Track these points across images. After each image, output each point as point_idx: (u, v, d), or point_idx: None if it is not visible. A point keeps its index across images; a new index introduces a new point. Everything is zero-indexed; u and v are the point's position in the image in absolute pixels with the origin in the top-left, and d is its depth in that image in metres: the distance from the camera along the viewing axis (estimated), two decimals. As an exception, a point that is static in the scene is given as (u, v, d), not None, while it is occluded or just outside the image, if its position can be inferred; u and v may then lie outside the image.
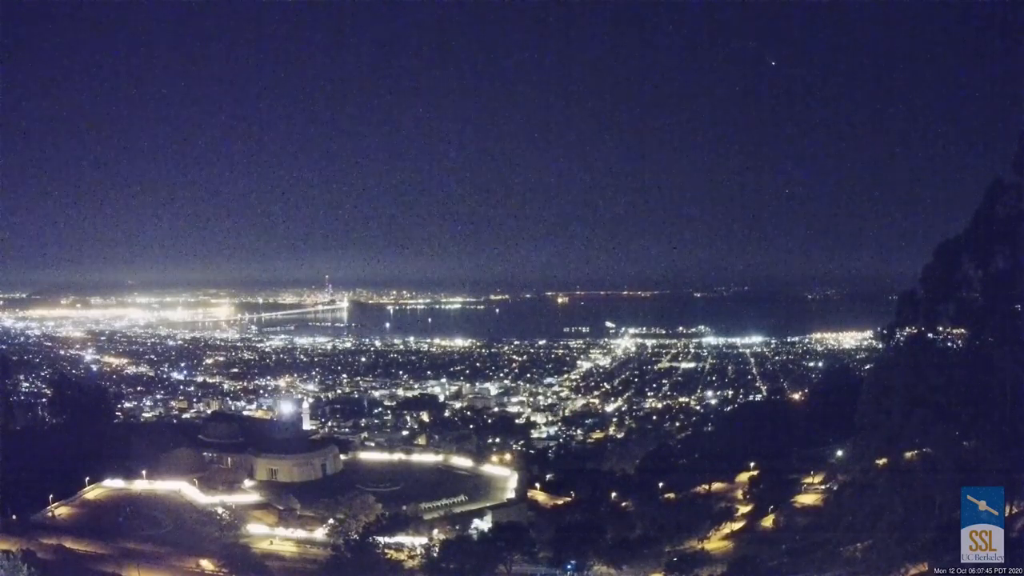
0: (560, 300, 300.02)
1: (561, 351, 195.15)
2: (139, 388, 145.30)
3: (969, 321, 37.22)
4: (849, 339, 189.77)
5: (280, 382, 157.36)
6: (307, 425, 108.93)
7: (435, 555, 48.88)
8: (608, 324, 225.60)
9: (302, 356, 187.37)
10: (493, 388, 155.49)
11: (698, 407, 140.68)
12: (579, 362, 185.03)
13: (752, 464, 74.46)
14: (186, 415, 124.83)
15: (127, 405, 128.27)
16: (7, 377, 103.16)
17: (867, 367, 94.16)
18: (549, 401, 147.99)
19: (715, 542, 57.40)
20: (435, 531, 57.05)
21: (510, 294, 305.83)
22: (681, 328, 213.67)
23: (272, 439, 79.08)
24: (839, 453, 62.94)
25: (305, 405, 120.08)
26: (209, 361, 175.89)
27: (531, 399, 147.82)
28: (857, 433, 39.55)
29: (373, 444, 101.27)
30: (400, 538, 53.99)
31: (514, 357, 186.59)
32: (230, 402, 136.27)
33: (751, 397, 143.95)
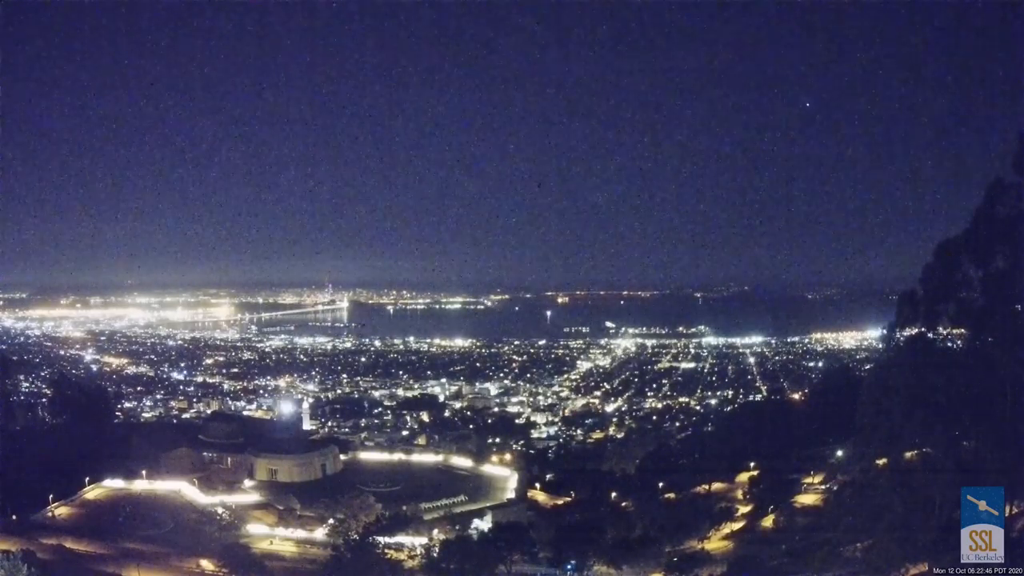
0: (560, 300, 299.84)
1: (561, 351, 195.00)
2: (139, 388, 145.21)
3: (969, 321, 37.08)
4: (849, 339, 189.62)
5: (280, 382, 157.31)
6: (307, 425, 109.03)
7: (435, 555, 48.94)
8: (608, 324, 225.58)
9: (302, 356, 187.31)
10: (493, 388, 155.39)
11: (698, 407, 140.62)
12: (579, 362, 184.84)
13: (752, 464, 74.49)
14: (186, 415, 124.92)
15: (127, 405, 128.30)
16: (7, 377, 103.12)
17: (867, 367, 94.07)
18: (549, 401, 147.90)
19: (715, 542, 57.38)
20: (435, 531, 57.14)
21: (510, 294, 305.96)
22: (681, 328, 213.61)
23: (272, 439, 79.22)
24: (839, 453, 62.86)
25: (305, 405, 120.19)
26: (209, 361, 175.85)
27: (531, 399, 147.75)
28: (857, 433, 39.41)
29: (373, 444, 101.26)
30: (400, 538, 54.06)
31: (514, 357, 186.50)
32: (230, 402, 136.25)
33: (751, 397, 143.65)
